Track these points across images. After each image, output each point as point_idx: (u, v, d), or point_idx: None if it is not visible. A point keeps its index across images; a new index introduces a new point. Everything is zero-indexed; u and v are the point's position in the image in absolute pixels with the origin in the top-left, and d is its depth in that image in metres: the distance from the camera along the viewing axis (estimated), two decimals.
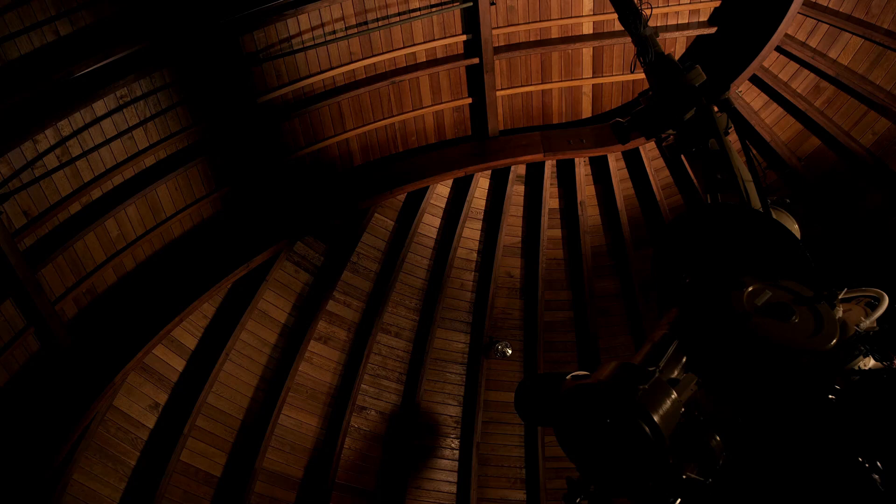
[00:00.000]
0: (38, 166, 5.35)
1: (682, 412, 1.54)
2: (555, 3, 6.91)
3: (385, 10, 6.50)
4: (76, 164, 5.59)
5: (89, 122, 5.54)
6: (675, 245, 1.73)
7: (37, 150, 5.31)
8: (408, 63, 6.97)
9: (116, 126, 5.72)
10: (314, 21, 6.32)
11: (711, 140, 2.79)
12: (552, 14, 6.96)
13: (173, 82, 5.90)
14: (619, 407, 1.48)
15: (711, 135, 2.80)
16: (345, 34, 6.45)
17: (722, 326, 1.87)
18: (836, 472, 1.43)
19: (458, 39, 6.93)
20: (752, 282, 1.95)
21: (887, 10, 6.16)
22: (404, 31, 6.70)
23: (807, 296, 1.88)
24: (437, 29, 6.83)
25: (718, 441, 1.55)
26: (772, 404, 1.63)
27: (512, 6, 6.85)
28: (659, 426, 1.45)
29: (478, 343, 7.75)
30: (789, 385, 1.66)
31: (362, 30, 6.50)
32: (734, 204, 1.86)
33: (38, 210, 5.49)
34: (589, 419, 1.49)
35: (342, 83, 6.82)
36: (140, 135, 5.90)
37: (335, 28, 6.41)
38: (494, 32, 6.90)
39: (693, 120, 2.92)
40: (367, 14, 6.46)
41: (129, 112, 5.74)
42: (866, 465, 1.40)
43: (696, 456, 1.51)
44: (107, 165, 5.80)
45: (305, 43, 6.37)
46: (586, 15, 6.98)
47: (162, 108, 5.94)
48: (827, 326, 1.78)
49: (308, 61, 6.52)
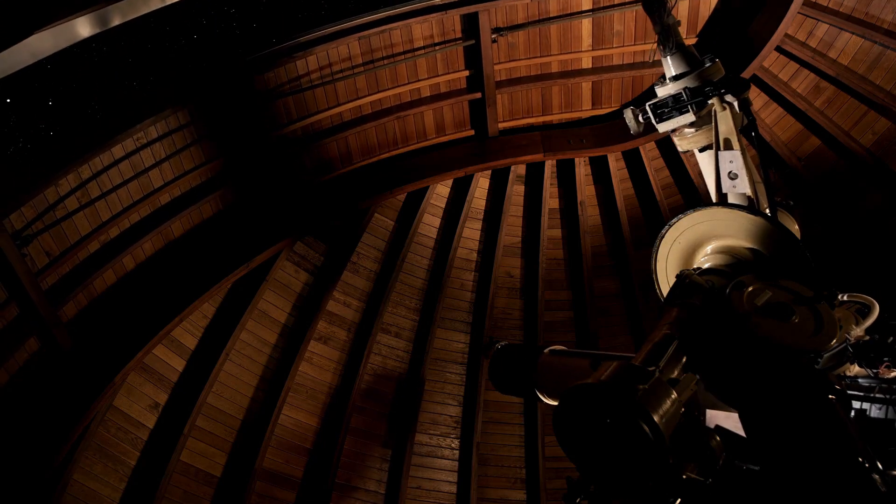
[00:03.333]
0: (59, 208, 5.57)
1: (682, 412, 1.54)
2: (555, 39, 7.14)
3: (391, 49, 6.80)
4: (95, 205, 5.83)
5: (108, 165, 5.80)
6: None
7: (58, 193, 5.53)
8: (412, 98, 7.24)
9: (133, 167, 5.99)
10: (322, 61, 6.61)
11: (724, 138, 2.76)
12: (552, 50, 7.19)
13: (187, 123, 6.16)
14: (619, 407, 1.48)
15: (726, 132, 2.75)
16: (352, 73, 6.75)
17: (722, 327, 1.87)
18: (835, 472, 1.43)
19: (461, 75, 7.20)
20: (752, 282, 1.95)
21: (887, 9, 6.15)
22: (409, 67, 6.99)
23: (807, 296, 1.88)
24: (440, 65, 7.12)
25: (718, 441, 1.55)
26: (772, 404, 1.63)
27: (513, 42, 7.08)
28: (659, 426, 1.45)
29: (478, 343, 7.75)
30: (789, 385, 1.66)
31: (368, 68, 6.80)
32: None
33: (60, 250, 5.70)
34: (589, 419, 1.49)
35: (349, 118, 7.08)
36: (156, 174, 6.17)
37: (342, 67, 6.72)
38: (496, 67, 7.16)
39: (708, 116, 2.87)
40: (374, 53, 6.76)
41: (146, 153, 6.03)
42: (866, 465, 1.41)
43: (696, 456, 1.51)
44: (124, 205, 6.05)
45: (314, 82, 6.68)
46: (585, 50, 7.21)
47: (176, 148, 6.21)
48: (827, 326, 1.78)
49: (316, 98, 6.79)
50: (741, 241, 2.33)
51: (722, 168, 2.74)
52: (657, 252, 2.54)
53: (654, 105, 2.96)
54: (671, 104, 2.89)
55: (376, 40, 6.67)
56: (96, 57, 15.39)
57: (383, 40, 6.70)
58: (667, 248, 2.50)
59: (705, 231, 2.40)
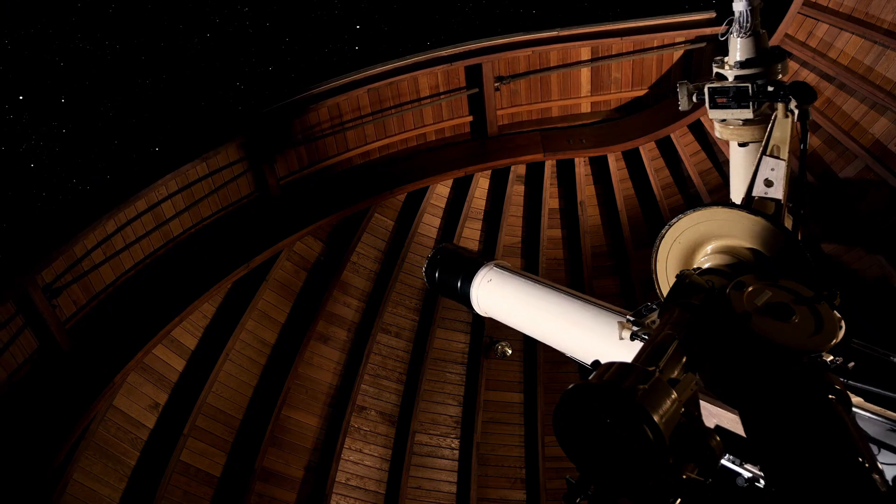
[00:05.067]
0: (86, 261, 5.90)
1: (682, 412, 1.54)
2: (555, 86, 7.53)
3: (398, 99, 7.19)
4: (119, 256, 6.15)
5: (132, 218, 6.12)
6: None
7: (85, 247, 5.87)
8: (419, 143, 7.58)
9: (155, 219, 6.29)
10: (333, 112, 7.00)
11: (774, 144, 2.59)
12: (553, 96, 7.56)
13: (200, 178, 6.48)
14: (619, 407, 1.48)
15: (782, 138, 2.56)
16: (361, 122, 7.05)
17: (722, 326, 1.87)
18: (835, 472, 1.43)
19: (464, 120, 7.58)
20: (752, 282, 1.95)
21: (887, 9, 6.15)
22: (415, 115, 7.39)
23: (807, 296, 1.88)
24: (445, 111, 7.53)
25: (718, 441, 1.55)
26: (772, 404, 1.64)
27: (515, 90, 7.44)
28: (659, 426, 1.45)
29: (478, 343, 7.75)
30: (789, 385, 1.66)
31: (377, 117, 7.18)
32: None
33: (85, 299, 6.03)
34: (589, 419, 1.49)
35: (358, 163, 7.40)
36: (176, 224, 6.49)
37: (352, 117, 7.08)
38: (499, 113, 7.50)
39: (764, 115, 2.65)
40: (382, 103, 7.15)
41: (167, 206, 6.34)
42: (866, 465, 1.41)
43: (696, 456, 1.51)
44: (145, 253, 6.36)
45: (325, 131, 6.98)
46: (584, 96, 7.57)
47: (195, 199, 6.50)
48: (827, 326, 1.78)
49: (326, 145, 7.11)
50: (741, 241, 2.33)
51: (761, 172, 2.61)
52: (657, 252, 2.53)
53: (714, 90, 2.70)
54: (732, 94, 2.65)
55: (385, 91, 7.07)
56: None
57: (391, 91, 7.11)
58: (667, 248, 2.50)
59: (705, 231, 2.39)
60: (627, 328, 2.24)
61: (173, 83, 17.61)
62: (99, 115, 17.32)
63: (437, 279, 3.18)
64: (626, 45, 7.27)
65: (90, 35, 17.07)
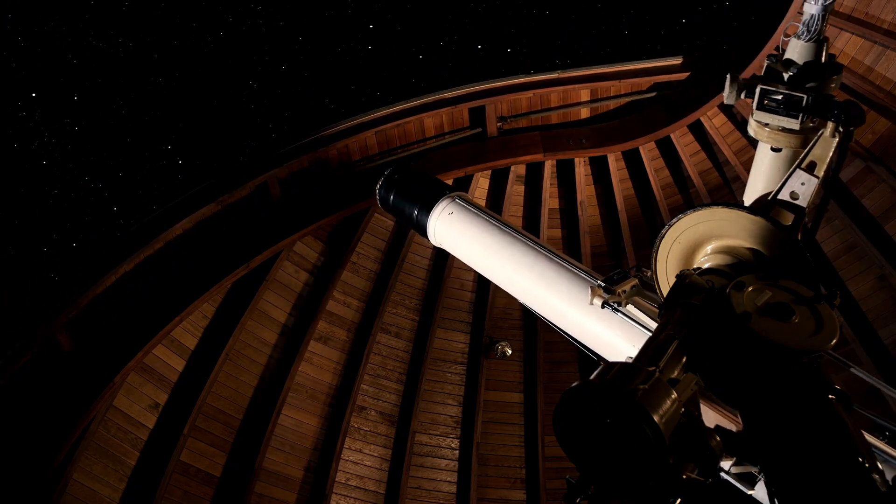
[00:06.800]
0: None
1: (682, 412, 1.54)
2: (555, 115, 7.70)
3: (405, 139, 7.45)
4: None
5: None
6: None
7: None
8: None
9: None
10: (342, 154, 7.18)
11: (812, 160, 2.46)
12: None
13: (218, 214, 6.66)
14: (619, 407, 1.48)
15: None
16: (371, 163, 7.31)
17: (722, 326, 1.87)
18: (835, 472, 1.43)
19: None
20: (752, 282, 1.95)
21: (887, 9, 6.15)
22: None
23: (807, 296, 1.88)
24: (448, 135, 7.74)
25: (718, 441, 1.55)
26: (772, 404, 1.64)
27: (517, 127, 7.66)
28: (659, 426, 1.45)
29: (478, 343, 7.75)
30: (789, 385, 1.66)
31: (385, 158, 7.40)
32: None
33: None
34: (589, 419, 1.49)
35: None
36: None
37: (361, 157, 7.30)
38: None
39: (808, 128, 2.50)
40: (389, 143, 7.39)
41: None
42: (866, 465, 1.40)
43: (696, 456, 1.51)
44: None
45: (335, 171, 7.20)
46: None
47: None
48: (827, 326, 1.78)
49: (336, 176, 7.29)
50: (742, 241, 2.33)
51: (790, 184, 2.56)
52: (657, 252, 2.53)
53: (766, 91, 2.54)
54: (783, 101, 2.52)
55: (392, 133, 7.30)
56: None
57: (398, 132, 7.34)
58: (667, 248, 2.49)
59: (705, 231, 2.39)
60: (599, 295, 2.24)
61: (186, 81, 17.62)
62: (111, 113, 17.35)
63: (392, 202, 2.99)
64: (624, 87, 7.58)
65: (103, 33, 17.10)
